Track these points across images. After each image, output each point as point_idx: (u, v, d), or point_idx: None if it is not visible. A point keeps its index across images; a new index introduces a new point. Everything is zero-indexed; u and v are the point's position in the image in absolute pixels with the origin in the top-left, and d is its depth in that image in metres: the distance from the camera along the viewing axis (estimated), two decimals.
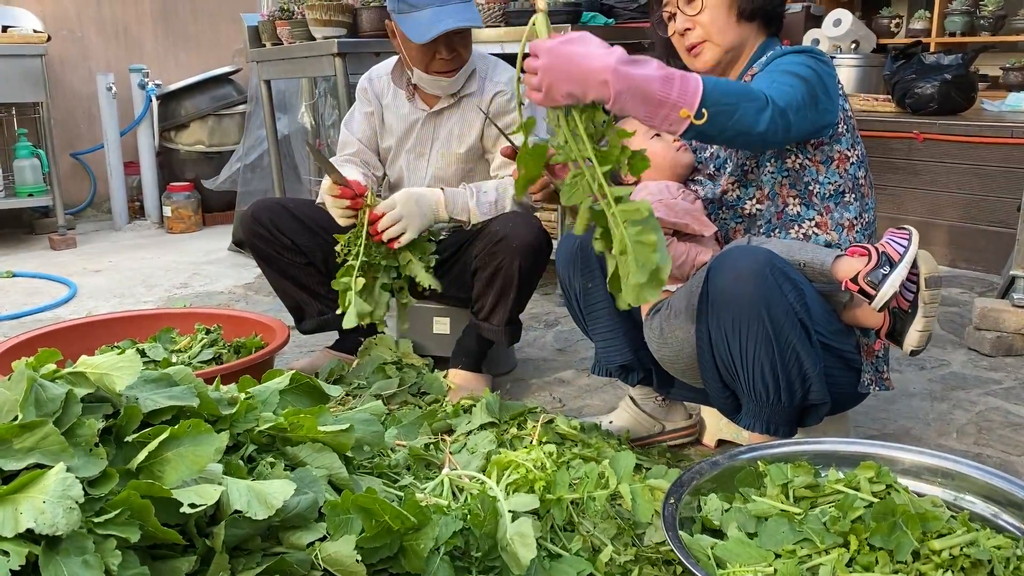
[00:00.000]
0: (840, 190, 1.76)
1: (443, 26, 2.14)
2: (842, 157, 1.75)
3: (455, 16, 2.16)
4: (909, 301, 1.63)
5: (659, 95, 1.37)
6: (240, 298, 3.59)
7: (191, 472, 1.20)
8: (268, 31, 3.85)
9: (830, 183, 1.76)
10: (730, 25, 1.75)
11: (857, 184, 1.78)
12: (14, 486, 1.10)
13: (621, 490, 1.55)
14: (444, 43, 2.21)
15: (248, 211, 2.41)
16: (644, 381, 1.99)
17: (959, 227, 3.81)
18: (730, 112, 1.45)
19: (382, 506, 1.26)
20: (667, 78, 1.38)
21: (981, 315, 2.74)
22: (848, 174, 1.77)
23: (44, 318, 3.31)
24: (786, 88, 1.58)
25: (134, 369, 1.29)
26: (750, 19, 1.76)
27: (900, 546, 1.28)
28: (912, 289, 1.62)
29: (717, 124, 1.44)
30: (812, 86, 1.62)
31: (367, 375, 2.36)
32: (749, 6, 1.75)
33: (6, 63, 4.45)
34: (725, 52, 1.77)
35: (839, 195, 1.77)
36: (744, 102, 1.47)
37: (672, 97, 1.37)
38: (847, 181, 1.77)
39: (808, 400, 1.65)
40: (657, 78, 1.36)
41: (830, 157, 1.75)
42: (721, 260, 1.60)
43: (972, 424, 2.21)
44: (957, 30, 5.19)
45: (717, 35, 1.76)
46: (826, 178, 1.75)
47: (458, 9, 2.18)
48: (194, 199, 5.20)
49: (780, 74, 1.63)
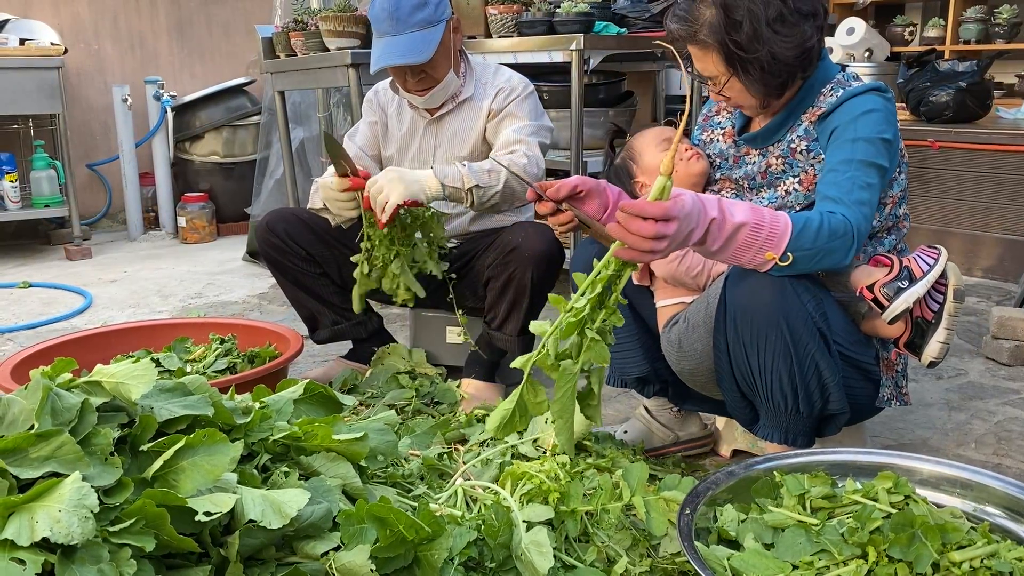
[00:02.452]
0: (882, 228, 1.75)
1: (385, 61, 2.18)
2: (893, 200, 1.73)
3: (402, 50, 2.16)
4: (934, 312, 1.62)
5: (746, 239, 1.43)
6: (254, 308, 3.61)
7: (206, 481, 1.20)
8: (282, 43, 3.88)
9: (879, 224, 1.74)
10: (760, 100, 1.68)
11: (897, 222, 1.77)
12: (30, 495, 1.10)
13: (635, 502, 1.54)
14: (407, 68, 2.22)
15: (262, 222, 2.42)
16: (659, 392, 1.98)
17: (975, 235, 3.78)
18: (816, 256, 1.49)
19: (397, 516, 1.26)
20: (757, 225, 1.42)
21: (999, 324, 2.71)
22: (892, 215, 1.75)
23: (60, 328, 3.33)
24: (863, 186, 1.55)
25: (149, 378, 1.30)
26: (779, 98, 1.69)
27: (919, 558, 1.27)
28: (939, 300, 1.61)
29: (803, 265, 1.49)
30: (886, 165, 1.60)
31: (381, 385, 2.37)
32: (774, 89, 1.65)
33: (24, 75, 4.49)
34: (764, 107, 1.71)
35: (877, 233, 1.75)
36: (831, 243, 1.48)
37: (759, 242, 1.44)
38: (889, 221, 1.75)
39: (827, 410, 1.64)
40: (748, 225, 1.42)
41: (883, 203, 1.72)
42: (738, 270, 1.59)
43: (991, 434, 2.19)
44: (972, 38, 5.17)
45: (750, 106, 1.72)
46: (877, 222, 1.72)
47: (411, 40, 2.16)
48: (208, 209, 5.23)
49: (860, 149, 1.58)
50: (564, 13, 3.14)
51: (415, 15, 2.16)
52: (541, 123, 2.31)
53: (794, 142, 1.72)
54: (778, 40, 1.58)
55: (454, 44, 2.28)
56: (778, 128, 1.74)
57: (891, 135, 1.62)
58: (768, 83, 1.64)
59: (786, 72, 1.63)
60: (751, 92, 1.66)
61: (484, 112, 2.33)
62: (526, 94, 2.32)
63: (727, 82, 1.66)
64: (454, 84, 2.31)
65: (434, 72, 2.24)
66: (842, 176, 1.57)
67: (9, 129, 5.01)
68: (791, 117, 1.73)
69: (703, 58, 1.65)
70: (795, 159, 1.72)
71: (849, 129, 1.61)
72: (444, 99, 2.33)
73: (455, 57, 2.30)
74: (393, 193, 2.04)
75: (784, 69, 1.62)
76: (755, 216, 1.42)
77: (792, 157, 1.73)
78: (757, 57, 1.59)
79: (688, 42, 1.66)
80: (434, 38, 2.19)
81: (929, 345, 1.62)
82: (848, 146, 1.60)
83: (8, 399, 1.29)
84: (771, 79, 1.63)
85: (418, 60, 2.17)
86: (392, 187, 2.05)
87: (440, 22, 2.20)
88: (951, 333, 1.61)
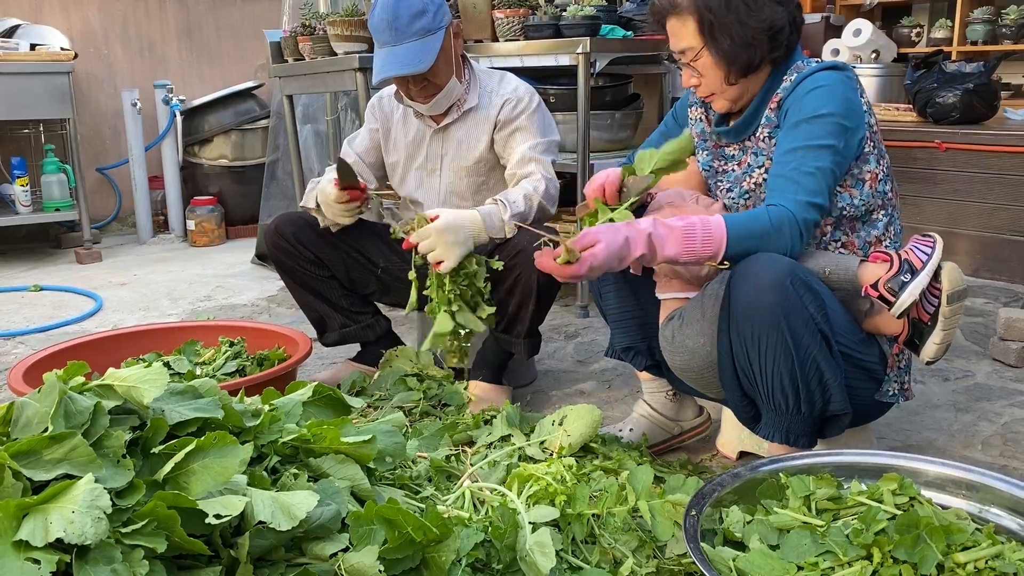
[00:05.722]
0: (870, 209, 1.76)
1: (387, 72, 2.19)
2: (872, 176, 1.75)
3: (402, 60, 2.17)
4: (929, 314, 1.63)
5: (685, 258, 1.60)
6: (263, 310, 3.63)
7: (216, 483, 1.22)
8: (290, 47, 3.90)
9: (863, 203, 1.75)
10: (728, 85, 1.75)
11: (886, 200, 1.78)
12: (44, 496, 1.12)
13: (640, 506, 1.55)
14: (409, 77, 2.23)
15: (271, 225, 2.44)
16: (651, 369, 2.01)
17: (982, 237, 3.78)
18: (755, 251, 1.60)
19: (405, 517, 1.27)
20: (689, 251, 1.58)
21: (1006, 326, 2.71)
22: (878, 192, 1.76)
23: (71, 331, 3.35)
24: (807, 172, 1.63)
25: (161, 382, 1.31)
26: (745, 76, 1.74)
27: (924, 559, 1.27)
28: (934, 302, 1.62)
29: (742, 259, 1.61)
30: (836, 143, 1.64)
31: (388, 387, 2.38)
32: (742, 71, 1.73)
33: (34, 80, 4.53)
34: (734, 101, 1.78)
35: (867, 214, 1.77)
36: (767, 241, 1.60)
37: (696, 251, 1.59)
38: (877, 199, 1.76)
39: (828, 411, 1.64)
40: (681, 254, 1.59)
41: (861, 180, 1.74)
42: (742, 269, 1.60)
43: (997, 436, 2.19)
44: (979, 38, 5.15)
45: (721, 93, 1.77)
46: (860, 200, 1.75)
47: (410, 50, 2.17)
48: (217, 213, 5.26)
49: (802, 133, 1.65)
50: (570, 17, 3.15)
51: (414, 24, 2.17)
52: (551, 139, 2.34)
53: (759, 131, 1.77)
54: (747, 11, 1.69)
55: (455, 50, 2.29)
56: (750, 121, 1.79)
57: (838, 107, 1.65)
58: (735, 57, 1.71)
59: (753, 47, 1.70)
60: (719, 67, 1.72)
61: (491, 121, 2.34)
62: (534, 106, 2.33)
63: (699, 53, 1.73)
64: (457, 90, 2.32)
65: (436, 79, 2.25)
66: (786, 168, 1.65)
67: (20, 133, 5.05)
68: (760, 109, 1.77)
69: (680, 30, 1.74)
70: (759, 147, 1.78)
71: (793, 112, 1.69)
72: (448, 104, 2.34)
73: (457, 63, 2.31)
74: (448, 258, 2.04)
75: (751, 41, 1.69)
76: (687, 244, 1.57)
77: (756, 146, 1.78)
78: (726, 23, 1.68)
79: (668, 14, 1.75)
80: (434, 46, 2.20)
81: (927, 346, 1.63)
82: (791, 133, 1.67)
83: (22, 402, 1.31)
84: (739, 52, 1.70)
85: (418, 69, 2.18)
86: (447, 252, 2.03)
87: (439, 29, 2.21)
88: (949, 334, 1.62)
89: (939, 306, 1.60)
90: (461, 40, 2.35)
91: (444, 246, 2.04)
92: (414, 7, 2.17)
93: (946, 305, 1.59)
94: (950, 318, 1.60)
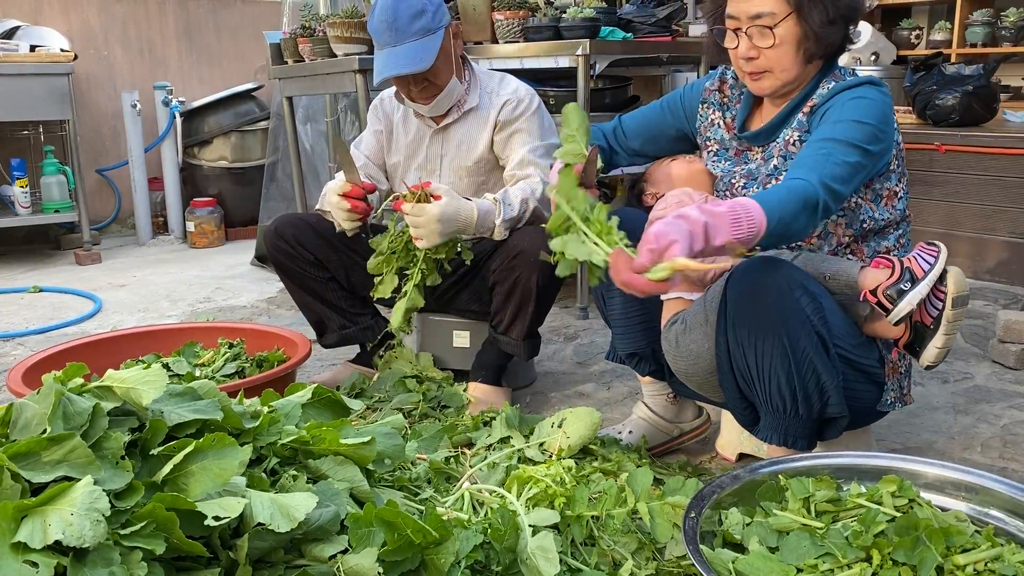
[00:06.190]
0: (887, 224, 1.77)
1: (387, 72, 2.20)
2: (890, 194, 1.75)
3: (402, 60, 2.18)
4: (932, 317, 1.63)
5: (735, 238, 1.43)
6: (262, 312, 3.63)
7: (215, 485, 1.22)
8: (290, 48, 3.90)
9: (881, 219, 1.75)
10: (796, 63, 1.70)
11: (903, 217, 1.79)
12: (42, 498, 1.12)
13: (640, 508, 1.55)
14: (409, 77, 2.23)
15: (271, 227, 2.44)
16: (654, 373, 2.00)
17: (981, 239, 3.78)
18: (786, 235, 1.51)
19: (404, 519, 1.27)
20: (735, 220, 1.42)
21: (1005, 328, 2.71)
22: (896, 209, 1.77)
23: (70, 332, 3.35)
24: (836, 162, 1.56)
25: (160, 384, 1.31)
26: (819, 57, 1.72)
27: (923, 561, 1.27)
28: (937, 306, 1.62)
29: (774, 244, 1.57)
30: (869, 148, 1.60)
31: (388, 389, 2.38)
32: (817, 50, 1.69)
33: (34, 82, 4.53)
34: (784, 84, 1.73)
35: (883, 228, 1.77)
36: (795, 221, 1.49)
37: (743, 234, 1.43)
38: (894, 217, 1.77)
39: (826, 413, 1.64)
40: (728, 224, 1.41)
41: (879, 195, 1.74)
42: (741, 271, 1.60)
43: (997, 438, 2.19)
44: (978, 41, 5.16)
45: (781, 70, 1.71)
46: (879, 215, 1.75)
47: (410, 50, 2.18)
48: (217, 214, 5.26)
49: (841, 129, 1.60)
50: (570, 18, 3.16)
51: (413, 24, 2.17)
52: (551, 142, 2.34)
53: (788, 135, 1.76)
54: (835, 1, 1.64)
55: (455, 50, 2.29)
56: (779, 125, 1.77)
57: (877, 121, 1.62)
58: (820, 33, 1.65)
59: (836, 26, 1.66)
60: (799, 39, 1.66)
61: (491, 122, 2.34)
62: (535, 108, 2.33)
63: (780, 21, 1.65)
64: (458, 90, 2.33)
65: (436, 79, 2.25)
66: (819, 151, 1.59)
67: (19, 135, 5.05)
68: (792, 114, 1.76)
69: None
70: (788, 151, 1.76)
71: (835, 111, 1.65)
72: (449, 105, 2.34)
73: (457, 63, 2.31)
74: (431, 242, 2.11)
75: (836, 20, 1.65)
76: (735, 229, 1.43)
77: (786, 149, 1.76)
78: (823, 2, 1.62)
79: None
80: (433, 46, 2.20)
81: (927, 350, 1.63)
82: (830, 126, 1.63)
83: (21, 403, 1.31)
84: (826, 29, 1.65)
85: (419, 68, 2.19)
86: (433, 237, 2.10)
87: (439, 29, 2.22)
88: (950, 339, 1.62)
89: (943, 310, 1.60)
90: (461, 41, 2.36)
91: (432, 232, 2.09)
92: (413, 7, 2.17)
93: (950, 309, 1.60)
94: (953, 323, 1.60)
